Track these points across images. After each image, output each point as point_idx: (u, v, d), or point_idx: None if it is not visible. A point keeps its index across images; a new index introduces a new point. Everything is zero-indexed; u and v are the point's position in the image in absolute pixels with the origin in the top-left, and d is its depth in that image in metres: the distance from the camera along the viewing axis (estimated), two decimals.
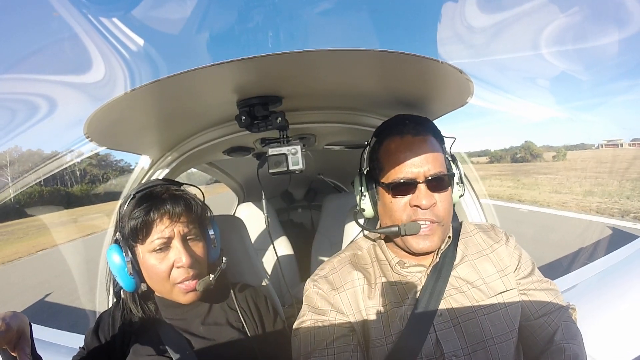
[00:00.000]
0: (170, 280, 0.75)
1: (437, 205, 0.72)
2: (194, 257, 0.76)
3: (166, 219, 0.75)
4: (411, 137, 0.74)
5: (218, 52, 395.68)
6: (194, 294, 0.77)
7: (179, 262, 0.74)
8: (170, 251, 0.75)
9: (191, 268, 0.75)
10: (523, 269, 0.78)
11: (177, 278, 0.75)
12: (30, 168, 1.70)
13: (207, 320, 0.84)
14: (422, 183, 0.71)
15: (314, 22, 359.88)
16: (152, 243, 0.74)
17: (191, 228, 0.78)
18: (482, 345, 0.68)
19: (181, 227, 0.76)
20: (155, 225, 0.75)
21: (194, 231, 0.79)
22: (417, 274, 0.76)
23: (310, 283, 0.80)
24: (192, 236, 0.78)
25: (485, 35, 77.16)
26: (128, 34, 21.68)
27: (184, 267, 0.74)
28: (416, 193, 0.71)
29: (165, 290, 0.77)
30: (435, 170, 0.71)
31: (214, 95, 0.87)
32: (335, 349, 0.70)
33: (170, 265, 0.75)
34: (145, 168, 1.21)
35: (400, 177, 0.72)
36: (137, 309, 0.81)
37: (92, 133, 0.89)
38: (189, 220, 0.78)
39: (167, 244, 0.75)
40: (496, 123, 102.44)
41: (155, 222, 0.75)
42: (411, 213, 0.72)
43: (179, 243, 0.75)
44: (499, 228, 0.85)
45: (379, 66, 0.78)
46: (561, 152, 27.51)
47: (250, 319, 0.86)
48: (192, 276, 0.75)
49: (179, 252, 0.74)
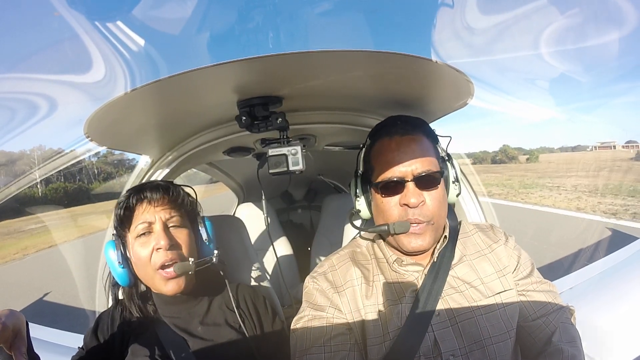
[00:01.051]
0: (151, 265, 0.76)
1: (427, 203, 0.72)
2: (174, 242, 0.78)
3: (146, 204, 0.79)
4: (399, 137, 0.75)
5: (218, 52, 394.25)
6: (176, 283, 0.77)
7: (157, 245, 0.76)
8: (152, 235, 0.78)
9: (170, 251, 0.76)
10: (522, 269, 0.78)
11: (157, 262, 0.76)
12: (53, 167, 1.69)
13: (206, 320, 0.84)
14: (410, 181, 0.71)
15: (315, 22, 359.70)
16: (136, 229, 0.78)
17: (173, 215, 0.81)
18: (479, 345, 0.69)
19: (162, 212, 0.79)
20: (136, 210, 0.79)
21: (176, 218, 0.81)
22: (414, 272, 0.76)
23: (309, 280, 0.80)
24: (174, 223, 0.80)
25: (483, 36, 77.32)
26: (128, 34, 21.71)
27: (162, 249, 0.76)
28: (404, 192, 0.72)
29: (148, 278, 0.79)
30: (424, 169, 0.72)
31: (214, 95, 0.87)
32: (332, 347, 0.70)
33: (152, 250, 0.76)
34: (145, 168, 1.21)
35: (388, 177, 0.73)
36: (135, 308, 0.82)
37: (92, 133, 0.89)
38: (170, 207, 0.81)
39: (149, 229, 0.78)
40: (486, 125, 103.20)
41: (136, 207, 0.79)
42: (402, 212, 0.73)
43: (160, 226, 0.78)
44: (498, 228, 0.85)
45: (379, 67, 0.78)
46: (534, 155, 30.31)
47: (249, 320, 0.87)
48: (170, 259, 0.76)
49: (159, 235, 0.77)
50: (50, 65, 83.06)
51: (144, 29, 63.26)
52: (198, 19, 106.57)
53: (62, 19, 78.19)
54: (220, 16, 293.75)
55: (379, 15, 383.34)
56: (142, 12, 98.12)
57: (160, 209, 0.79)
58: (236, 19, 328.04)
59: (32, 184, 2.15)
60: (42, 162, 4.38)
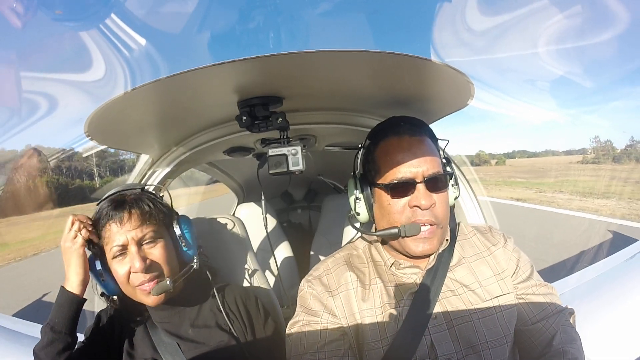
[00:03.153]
0: (130, 284, 0.76)
1: (436, 206, 0.71)
2: (149, 262, 0.76)
3: (116, 225, 0.76)
4: (409, 137, 0.74)
5: (219, 52, 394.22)
6: (157, 298, 0.77)
7: (133, 268, 0.75)
8: (127, 256, 0.76)
9: (147, 272, 0.75)
10: (521, 272, 0.78)
11: (135, 282, 0.76)
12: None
13: (197, 323, 0.84)
14: (421, 183, 0.70)
15: (315, 22, 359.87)
16: (111, 250, 0.76)
17: (147, 231, 0.77)
18: (475, 350, 0.68)
19: (134, 232, 0.76)
20: (111, 234, 0.76)
21: (149, 234, 0.78)
22: (412, 275, 0.76)
23: (304, 283, 0.80)
24: (148, 239, 0.78)
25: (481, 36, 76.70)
26: (129, 33, 21.55)
27: (138, 272, 0.75)
28: (415, 193, 0.71)
29: (130, 293, 0.78)
30: (434, 170, 0.71)
31: (214, 95, 0.87)
32: (326, 353, 0.70)
33: (128, 271, 0.75)
34: (145, 167, 1.21)
35: (398, 177, 0.71)
36: (126, 313, 0.83)
37: (92, 132, 0.89)
38: (141, 222, 0.77)
39: (123, 250, 0.76)
40: (465, 133, 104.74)
41: (110, 230, 0.76)
42: (410, 214, 0.71)
43: (134, 248, 0.75)
44: (497, 230, 0.85)
45: (379, 67, 0.78)
46: (501, 159, 34.48)
47: (239, 321, 0.86)
48: (148, 279, 0.76)
49: (133, 258, 0.75)
50: (50, 63, 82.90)
51: (145, 27, 62.71)
52: (199, 19, 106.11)
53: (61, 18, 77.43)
54: (221, 16, 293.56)
55: (379, 16, 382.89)
56: (143, 10, 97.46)
57: (131, 227, 0.76)
58: (237, 18, 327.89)
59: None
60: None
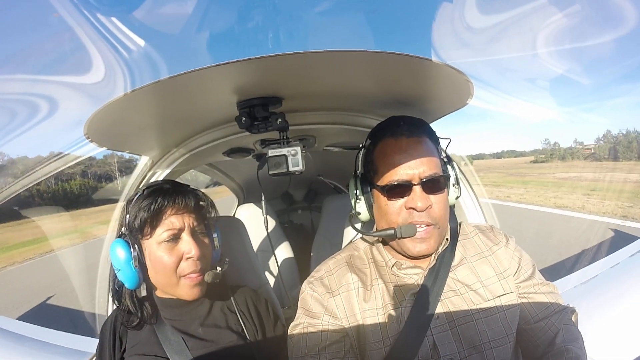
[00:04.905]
0: (177, 273, 0.75)
1: (433, 207, 0.71)
2: (203, 251, 0.77)
3: (176, 211, 0.76)
4: (405, 139, 0.73)
5: (218, 53, 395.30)
6: (199, 289, 0.77)
7: (188, 254, 0.74)
8: (179, 243, 0.75)
9: (199, 261, 0.76)
10: (523, 271, 0.78)
11: (185, 270, 0.75)
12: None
13: (207, 322, 0.83)
14: (417, 185, 0.70)
15: (314, 22, 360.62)
16: (161, 235, 0.74)
17: (200, 223, 0.79)
18: (478, 349, 0.68)
19: (191, 220, 0.77)
20: (165, 216, 0.75)
21: (202, 226, 0.80)
22: (414, 275, 0.76)
23: (306, 285, 0.80)
24: (201, 230, 0.79)
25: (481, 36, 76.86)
26: (128, 35, 21.60)
27: (193, 259, 0.75)
28: (411, 195, 0.71)
29: (171, 284, 0.77)
30: (431, 172, 0.71)
31: (214, 96, 0.87)
32: (327, 355, 0.70)
33: (179, 257, 0.75)
34: (145, 169, 1.21)
35: (395, 179, 0.71)
36: (136, 310, 0.81)
37: (92, 134, 0.89)
38: (198, 215, 0.79)
39: (177, 235, 0.75)
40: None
41: (165, 213, 0.75)
42: (407, 216, 0.71)
43: (189, 235, 0.76)
44: (498, 229, 0.85)
45: (379, 67, 0.78)
46: (470, 160, 36.54)
47: (250, 323, 0.86)
48: (199, 269, 0.76)
49: (189, 244, 0.75)
50: (50, 65, 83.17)
51: (144, 29, 62.50)
52: (198, 19, 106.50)
53: (61, 19, 78.21)
54: (220, 16, 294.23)
55: (378, 16, 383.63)
56: (142, 12, 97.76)
57: (188, 215, 0.77)
58: (236, 18, 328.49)
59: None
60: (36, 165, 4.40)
